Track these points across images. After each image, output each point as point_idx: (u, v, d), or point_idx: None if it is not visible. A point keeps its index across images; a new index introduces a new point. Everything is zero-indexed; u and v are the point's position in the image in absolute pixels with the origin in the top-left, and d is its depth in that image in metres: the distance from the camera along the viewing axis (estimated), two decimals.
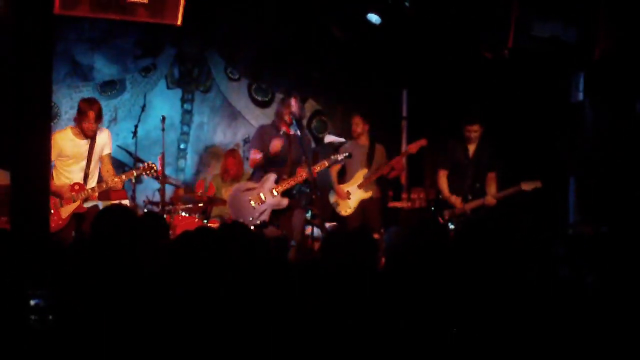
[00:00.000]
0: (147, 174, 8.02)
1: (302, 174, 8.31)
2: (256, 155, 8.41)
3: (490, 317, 3.93)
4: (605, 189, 8.91)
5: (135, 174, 7.97)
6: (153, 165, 7.98)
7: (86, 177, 7.62)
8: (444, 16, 9.57)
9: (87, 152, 7.62)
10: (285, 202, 8.31)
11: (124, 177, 7.84)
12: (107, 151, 7.80)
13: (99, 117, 7.56)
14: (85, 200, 7.57)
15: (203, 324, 3.69)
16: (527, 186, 8.59)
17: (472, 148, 8.86)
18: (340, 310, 3.88)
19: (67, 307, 3.78)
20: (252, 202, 8.24)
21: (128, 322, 3.66)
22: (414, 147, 9.44)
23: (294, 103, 8.34)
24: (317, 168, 8.38)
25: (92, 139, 7.62)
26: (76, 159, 7.61)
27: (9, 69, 5.21)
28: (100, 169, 7.76)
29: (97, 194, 7.65)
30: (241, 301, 3.87)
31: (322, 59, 11.15)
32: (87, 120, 7.46)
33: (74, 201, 7.51)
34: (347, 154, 8.81)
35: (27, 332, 3.69)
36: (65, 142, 7.52)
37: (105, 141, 7.76)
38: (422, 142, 9.41)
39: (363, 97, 11.22)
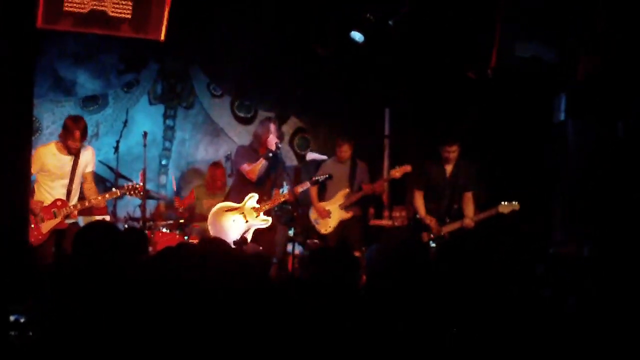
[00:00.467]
0: (131, 194, 7.96)
1: (278, 196, 8.34)
2: (252, 166, 8.35)
3: (471, 336, 3.92)
4: (588, 209, 8.94)
5: (119, 193, 7.90)
6: (138, 186, 7.91)
7: (69, 193, 7.54)
8: (428, 35, 9.61)
9: (70, 169, 7.54)
10: (269, 220, 8.30)
11: (107, 195, 7.78)
12: (90, 169, 7.74)
13: (84, 136, 7.53)
14: (67, 216, 7.51)
15: (184, 340, 3.66)
16: (504, 208, 8.56)
17: (449, 169, 8.79)
18: (321, 327, 3.87)
19: (47, 322, 3.74)
20: (234, 222, 8.22)
21: (109, 337, 3.62)
22: (397, 173, 9.30)
23: (273, 128, 8.33)
24: (299, 189, 8.39)
25: (75, 155, 7.56)
26: (59, 175, 7.52)
27: None
28: (82, 186, 7.69)
29: (77, 211, 7.59)
30: (222, 317, 3.85)
31: (305, 76, 11.15)
32: (72, 138, 7.42)
33: (55, 217, 7.43)
34: (327, 175, 8.81)
35: (7, 348, 3.65)
36: (49, 157, 7.45)
37: (88, 159, 7.69)
38: (407, 169, 9.28)
39: (346, 114, 11.24)
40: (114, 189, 8.00)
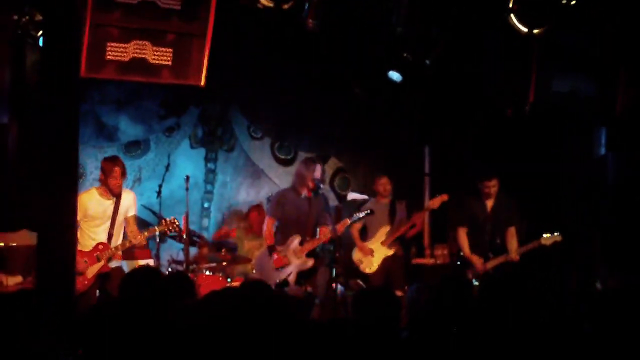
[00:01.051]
0: (169, 230, 8.05)
1: (325, 234, 8.37)
2: (269, 226, 8.47)
3: None
4: (630, 243, 8.86)
5: (157, 230, 7.98)
6: (174, 220, 8.02)
7: (110, 237, 7.65)
8: (465, 73, 9.65)
9: (112, 212, 7.67)
10: (310, 262, 8.36)
11: (146, 233, 7.86)
12: (132, 213, 7.87)
13: (124, 173, 7.69)
14: (109, 259, 7.59)
15: None
16: (546, 240, 8.56)
17: (489, 204, 8.83)
18: None
19: None
20: (274, 265, 8.32)
21: None
22: (435, 203, 9.37)
23: (318, 169, 8.42)
24: (340, 227, 8.42)
25: (117, 198, 7.67)
26: (101, 219, 7.64)
27: (37, 130, 5.30)
28: (125, 229, 7.79)
29: (120, 252, 7.67)
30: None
31: (344, 116, 11.22)
32: (114, 177, 7.56)
33: (99, 261, 7.52)
34: (368, 210, 8.85)
35: None
36: (91, 202, 7.57)
37: (130, 203, 7.83)
38: (444, 197, 9.34)
39: (385, 154, 11.27)
40: (154, 227, 8.06)
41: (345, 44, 9.76)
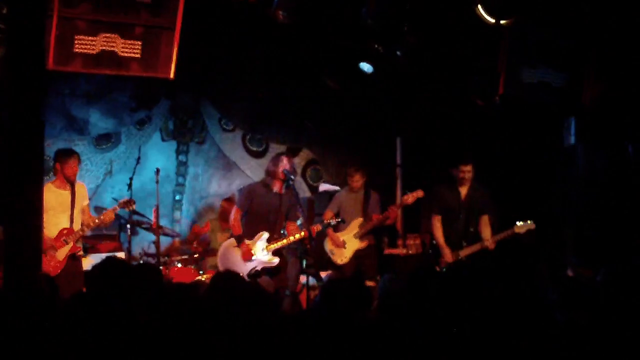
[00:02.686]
0: (125, 208, 8.13)
1: (292, 232, 8.35)
2: (237, 216, 8.44)
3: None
4: (599, 231, 8.94)
5: (117, 208, 8.05)
6: (131, 200, 8.17)
7: (72, 222, 7.75)
8: (436, 64, 9.67)
9: (70, 201, 7.74)
10: (275, 260, 8.31)
11: (102, 217, 7.95)
12: (86, 202, 7.98)
13: (80, 161, 7.84)
14: (78, 240, 7.74)
15: None
16: (520, 229, 8.62)
17: (463, 191, 8.87)
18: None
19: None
20: (242, 258, 8.28)
21: None
22: (410, 199, 9.30)
23: (286, 161, 8.39)
24: (313, 231, 8.38)
25: (72, 188, 7.76)
26: (62, 209, 7.70)
27: (2, 124, 5.26)
28: (81, 218, 7.87)
29: (87, 230, 7.85)
30: (235, 350, 3.88)
31: (315, 108, 11.23)
32: (70, 166, 7.66)
33: (67, 243, 7.62)
34: (340, 219, 8.91)
35: None
36: (50, 195, 7.50)
37: (83, 193, 7.94)
38: (419, 194, 9.27)
39: (357, 145, 11.30)
40: (114, 206, 8.10)
41: (315, 35, 9.76)
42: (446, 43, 9.28)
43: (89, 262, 7.80)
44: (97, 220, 7.86)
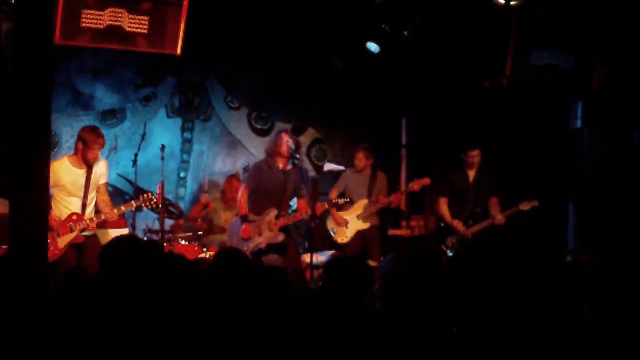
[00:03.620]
0: (146, 206, 7.99)
1: (304, 209, 8.37)
2: (244, 195, 8.41)
3: (483, 344, 3.93)
4: (603, 216, 8.93)
5: (134, 205, 7.85)
6: (153, 196, 7.89)
7: (84, 207, 7.47)
8: (443, 45, 9.63)
9: (84, 182, 7.47)
10: (280, 237, 8.31)
11: (122, 208, 7.73)
12: (103, 180, 7.64)
13: (104, 145, 7.55)
14: (82, 230, 7.49)
15: (206, 349, 3.70)
16: (525, 206, 8.70)
17: (471, 174, 8.91)
18: (331, 334, 3.90)
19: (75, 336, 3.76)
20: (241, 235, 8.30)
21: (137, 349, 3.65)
22: (416, 186, 9.30)
23: (286, 138, 8.34)
24: (318, 210, 8.39)
25: (89, 168, 7.49)
26: (74, 189, 7.45)
27: (9, 98, 5.24)
28: (96, 198, 7.66)
29: (94, 224, 7.60)
30: (240, 327, 3.89)
31: (321, 87, 11.21)
32: (94, 149, 7.38)
33: (72, 231, 7.38)
34: (347, 199, 8.95)
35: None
36: (63, 171, 7.36)
37: (102, 171, 7.61)
38: (425, 181, 9.27)
39: (362, 125, 11.29)
40: (131, 202, 7.94)
41: (323, 14, 9.72)
42: (454, 23, 9.24)
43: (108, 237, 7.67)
44: (115, 211, 7.57)
